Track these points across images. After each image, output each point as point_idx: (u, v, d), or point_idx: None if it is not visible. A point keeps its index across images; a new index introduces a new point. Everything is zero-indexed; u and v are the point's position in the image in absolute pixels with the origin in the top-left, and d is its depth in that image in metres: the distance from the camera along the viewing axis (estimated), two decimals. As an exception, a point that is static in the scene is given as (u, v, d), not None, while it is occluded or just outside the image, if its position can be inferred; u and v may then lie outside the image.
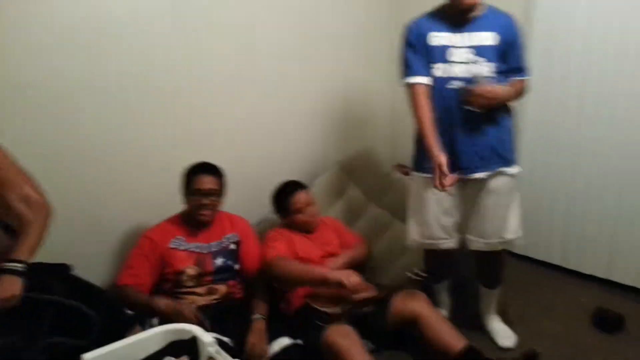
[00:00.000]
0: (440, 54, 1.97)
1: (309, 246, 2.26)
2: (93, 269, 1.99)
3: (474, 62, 1.95)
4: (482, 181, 2.04)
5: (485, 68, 1.95)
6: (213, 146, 2.44)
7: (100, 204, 2.14)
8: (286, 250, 2.19)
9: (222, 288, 2.09)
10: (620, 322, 2.27)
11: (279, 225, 2.36)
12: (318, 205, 2.41)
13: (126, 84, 2.11)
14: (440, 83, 1.99)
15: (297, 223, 2.29)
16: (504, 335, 2.24)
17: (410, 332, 2.02)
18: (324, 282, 1.97)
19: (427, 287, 2.39)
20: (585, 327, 2.29)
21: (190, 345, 1.43)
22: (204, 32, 2.32)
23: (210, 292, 2.06)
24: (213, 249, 2.14)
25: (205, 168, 2.14)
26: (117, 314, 1.77)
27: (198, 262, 2.09)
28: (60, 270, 1.76)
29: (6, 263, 1.40)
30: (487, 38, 1.94)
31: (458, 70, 1.95)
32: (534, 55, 2.47)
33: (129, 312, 1.85)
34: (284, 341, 1.93)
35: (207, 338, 1.41)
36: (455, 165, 1.98)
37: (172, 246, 2.08)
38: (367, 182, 2.86)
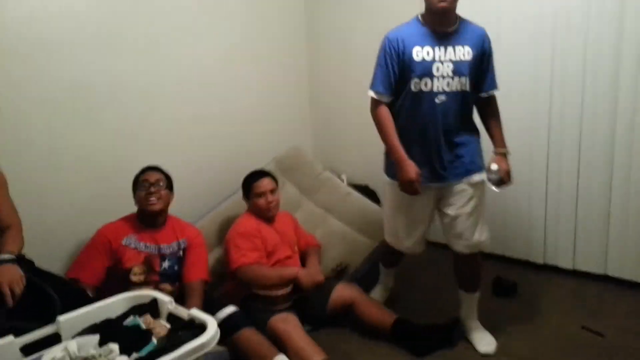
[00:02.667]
0: (425, 69, 2.03)
1: (274, 237, 2.48)
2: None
3: (453, 77, 2.04)
4: (459, 187, 2.15)
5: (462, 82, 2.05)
6: (159, 147, 2.73)
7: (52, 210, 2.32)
8: (255, 255, 2.37)
9: (167, 287, 2.21)
10: (514, 288, 2.71)
11: (245, 212, 2.56)
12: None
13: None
14: (426, 96, 2.06)
15: (258, 207, 2.49)
16: (484, 342, 2.25)
17: (344, 314, 2.40)
18: (294, 280, 2.35)
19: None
20: (486, 294, 2.66)
21: (151, 306, 1.68)
22: (160, 41, 2.66)
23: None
24: (162, 252, 2.26)
25: (151, 167, 2.33)
26: (78, 297, 1.90)
27: (146, 262, 2.21)
28: (26, 264, 1.97)
29: (3, 255, 1.72)
30: (465, 53, 2.04)
31: (441, 85, 2.04)
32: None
33: (90, 295, 2.01)
34: (229, 309, 2.13)
35: (165, 298, 1.68)
36: (436, 173, 2.13)
37: (124, 243, 2.21)
38: (299, 179, 3.08)
